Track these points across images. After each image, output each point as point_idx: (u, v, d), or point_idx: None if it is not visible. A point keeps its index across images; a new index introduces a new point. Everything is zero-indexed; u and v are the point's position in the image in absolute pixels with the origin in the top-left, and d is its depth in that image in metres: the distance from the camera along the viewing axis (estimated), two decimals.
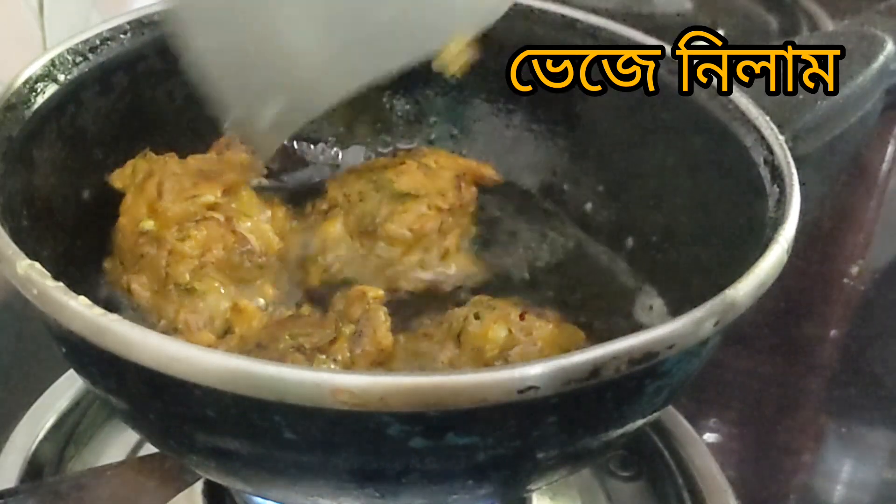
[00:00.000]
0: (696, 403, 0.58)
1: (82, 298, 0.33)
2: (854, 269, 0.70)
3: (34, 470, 0.48)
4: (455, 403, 0.31)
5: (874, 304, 0.69)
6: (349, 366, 0.39)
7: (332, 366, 0.39)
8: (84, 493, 0.41)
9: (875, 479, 0.57)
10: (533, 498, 0.48)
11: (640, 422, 0.37)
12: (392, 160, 0.50)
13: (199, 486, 0.45)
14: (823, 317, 0.68)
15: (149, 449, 0.45)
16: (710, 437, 0.56)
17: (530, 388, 0.31)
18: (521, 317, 0.41)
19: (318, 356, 0.39)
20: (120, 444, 0.51)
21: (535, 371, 0.31)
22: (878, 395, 0.61)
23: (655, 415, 0.38)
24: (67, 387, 0.52)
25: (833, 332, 0.68)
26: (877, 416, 0.60)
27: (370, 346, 0.40)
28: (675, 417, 0.53)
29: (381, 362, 0.40)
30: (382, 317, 0.40)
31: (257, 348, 0.40)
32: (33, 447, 0.49)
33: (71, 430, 0.51)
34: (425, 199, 0.48)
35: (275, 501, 0.40)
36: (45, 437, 0.50)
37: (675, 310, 0.34)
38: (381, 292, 0.41)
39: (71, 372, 0.45)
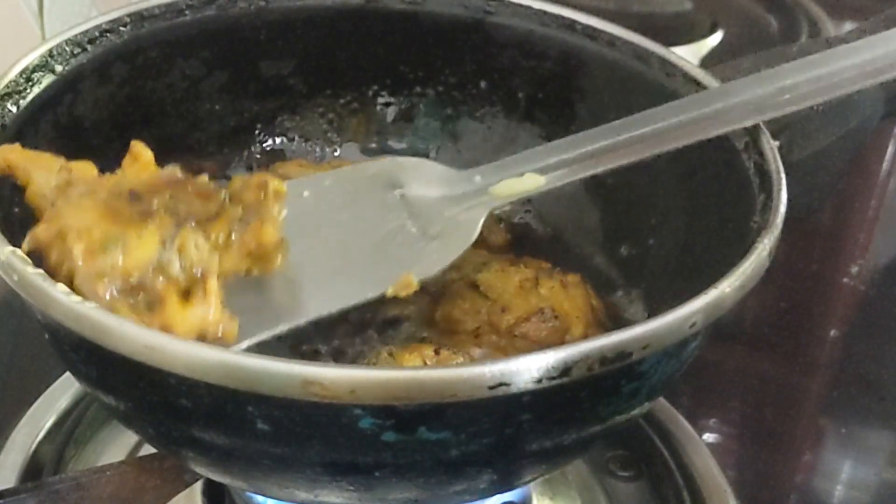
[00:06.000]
0: (696, 403, 0.58)
1: (61, 285, 0.33)
2: (854, 269, 0.70)
3: (34, 470, 0.48)
4: (425, 398, 0.31)
5: (874, 304, 0.69)
6: (220, 249, 0.38)
7: (201, 243, 0.37)
8: (84, 493, 0.41)
9: (875, 479, 0.57)
10: (533, 498, 0.48)
11: (618, 420, 0.37)
12: None
13: (199, 486, 0.45)
14: (823, 317, 0.68)
15: (149, 449, 0.45)
16: (710, 437, 0.56)
17: (501, 384, 0.31)
18: (437, 352, 0.41)
19: (190, 226, 0.37)
20: (120, 444, 0.51)
21: (505, 368, 0.31)
22: (878, 395, 0.61)
23: (635, 413, 0.38)
24: (67, 387, 0.52)
25: (833, 332, 0.68)
26: (877, 416, 0.60)
27: (250, 238, 0.38)
28: (675, 417, 0.53)
29: (259, 259, 0.38)
30: (275, 212, 0.38)
31: (130, 195, 0.38)
32: (33, 447, 0.49)
33: (71, 430, 0.51)
34: None
35: (255, 493, 0.40)
36: (45, 437, 0.50)
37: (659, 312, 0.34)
38: (283, 188, 0.39)
39: None
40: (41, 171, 0.39)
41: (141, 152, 0.40)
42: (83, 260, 0.36)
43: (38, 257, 0.35)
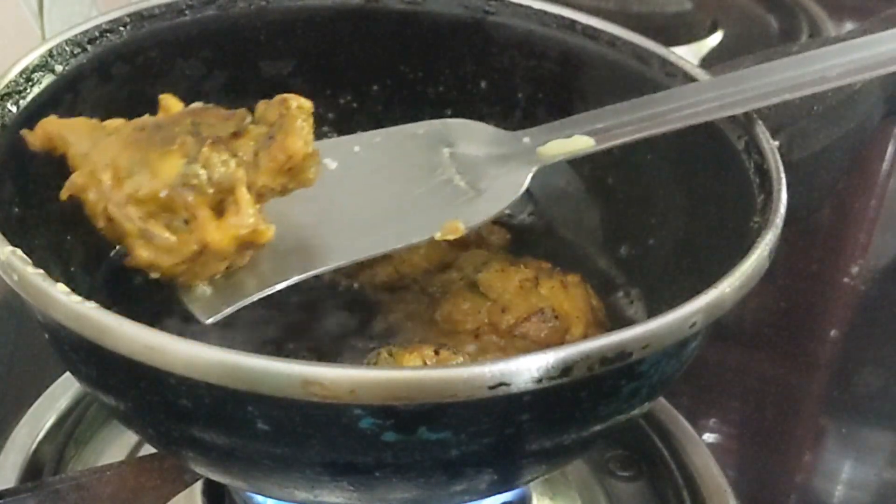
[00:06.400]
0: (696, 403, 0.58)
1: (60, 285, 0.33)
2: (854, 269, 0.70)
3: (34, 470, 0.48)
4: (425, 398, 0.31)
5: (874, 304, 0.69)
6: (250, 166, 0.38)
7: (226, 157, 0.38)
8: (84, 493, 0.41)
9: (875, 479, 0.57)
10: (533, 498, 0.48)
11: (618, 420, 0.37)
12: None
13: (198, 486, 0.45)
14: (823, 317, 0.68)
15: (149, 449, 0.45)
16: (710, 437, 0.56)
17: (501, 384, 0.31)
18: (437, 352, 0.41)
19: (215, 145, 0.38)
20: (120, 444, 0.51)
21: (505, 368, 0.31)
22: (879, 395, 0.61)
23: (635, 413, 0.38)
24: (67, 387, 0.52)
25: (833, 332, 0.68)
26: (877, 416, 0.61)
27: (277, 150, 0.38)
28: (675, 417, 0.53)
29: (293, 173, 0.39)
30: (300, 124, 0.39)
31: (154, 127, 0.39)
32: (33, 447, 0.49)
33: (71, 430, 0.51)
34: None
35: (255, 493, 0.40)
36: (45, 437, 0.50)
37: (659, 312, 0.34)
38: (308, 103, 0.40)
39: None
40: (76, 134, 0.39)
41: (171, 104, 0.41)
42: (112, 188, 0.37)
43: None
